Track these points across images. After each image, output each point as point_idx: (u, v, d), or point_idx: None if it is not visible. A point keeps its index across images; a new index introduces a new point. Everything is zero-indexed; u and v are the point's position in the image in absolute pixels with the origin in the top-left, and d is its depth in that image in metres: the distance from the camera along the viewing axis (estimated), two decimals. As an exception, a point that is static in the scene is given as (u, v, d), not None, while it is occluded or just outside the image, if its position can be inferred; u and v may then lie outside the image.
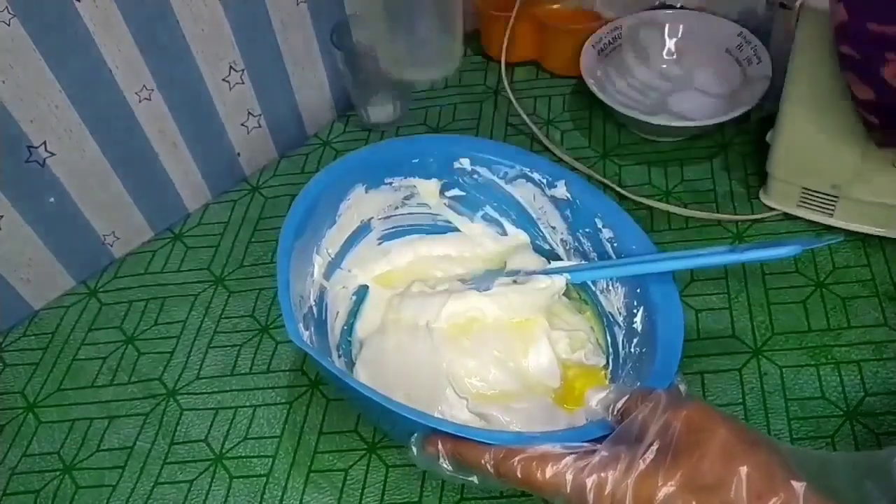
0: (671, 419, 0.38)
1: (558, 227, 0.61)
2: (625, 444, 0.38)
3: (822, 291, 0.62)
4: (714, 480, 0.35)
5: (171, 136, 0.73)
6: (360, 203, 0.61)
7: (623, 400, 0.41)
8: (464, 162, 0.61)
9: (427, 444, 0.44)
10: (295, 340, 0.48)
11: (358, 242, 0.63)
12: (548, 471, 0.39)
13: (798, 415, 0.55)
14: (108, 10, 0.62)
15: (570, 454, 0.39)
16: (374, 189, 0.61)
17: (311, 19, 0.77)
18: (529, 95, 0.82)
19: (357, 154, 0.61)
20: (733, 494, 0.35)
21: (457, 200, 0.63)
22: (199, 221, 0.76)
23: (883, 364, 0.57)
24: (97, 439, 0.62)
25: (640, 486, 0.36)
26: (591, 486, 0.37)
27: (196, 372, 0.65)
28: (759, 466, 0.35)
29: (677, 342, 0.48)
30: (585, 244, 0.59)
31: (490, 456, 0.41)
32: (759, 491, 0.35)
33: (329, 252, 0.60)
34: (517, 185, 0.60)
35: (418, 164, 0.61)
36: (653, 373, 0.48)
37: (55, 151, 0.65)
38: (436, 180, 0.62)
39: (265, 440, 0.60)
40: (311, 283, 0.58)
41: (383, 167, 0.61)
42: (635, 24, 0.79)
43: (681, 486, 0.35)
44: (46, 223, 0.68)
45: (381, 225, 0.63)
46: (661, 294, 0.52)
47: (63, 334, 0.69)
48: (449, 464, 0.43)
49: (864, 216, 0.62)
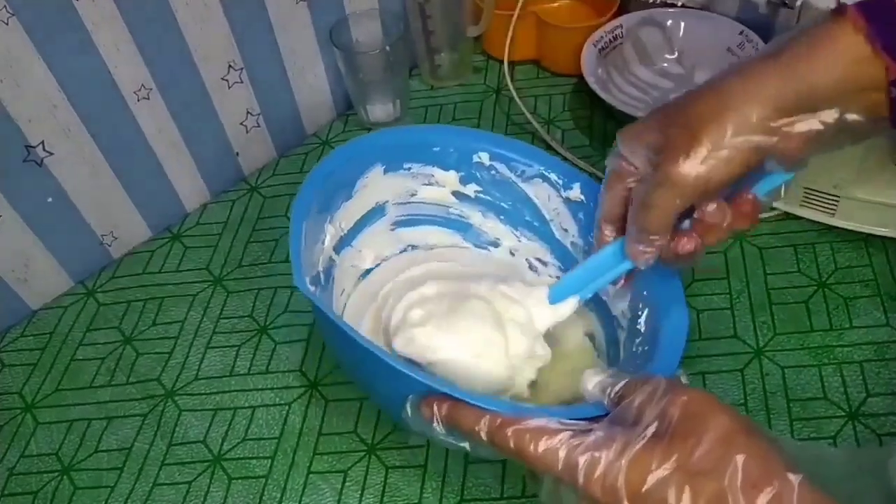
0: (669, 404, 0.37)
1: (570, 229, 0.60)
2: (620, 427, 0.38)
3: (824, 291, 0.61)
4: (709, 467, 0.35)
5: (169, 136, 0.72)
6: (377, 183, 0.60)
7: (621, 384, 0.41)
8: (483, 157, 0.60)
9: (423, 405, 0.43)
10: (300, 286, 0.48)
11: (371, 223, 0.62)
12: (541, 444, 0.38)
13: (800, 415, 0.55)
14: (107, 10, 0.62)
15: (565, 430, 0.39)
16: (393, 172, 0.61)
17: (311, 19, 0.77)
18: (530, 94, 0.82)
19: (381, 133, 0.62)
20: (727, 482, 0.34)
21: (474, 197, 0.63)
22: (197, 221, 0.76)
23: (885, 364, 0.57)
24: (95, 440, 0.61)
25: (633, 468, 0.35)
26: (582, 464, 0.37)
27: (195, 372, 0.64)
28: (756, 456, 0.35)
29: (680, 340, 0.48)
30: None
31: (484, 423, 0.41)
32: (754, 480, 0.34)
33: (342, 226, 0.60)
34: (533, 185, 0.60)
35: (439, 153, 0.61)
36: (653, 369, 0.47)
37: (53, 151, 0.65)
38: (454, 172, 0.62)
39: (264, 441, 0.59)
40: (321, 250, 0.57)
41: (404, 151, 0.61)
42: (636, 23, 0.79)
43: (674, 471, 0.35)
44: (44, 223, 0.68)
45: (395, 210, 0.63)
46: (667, 294, 0.51)
47: (61, 334, 0.69)
48: (442, 427, 0.43)
49: (866, 216, 0.62)
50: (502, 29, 0.79)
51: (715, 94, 0.43)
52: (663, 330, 0.50)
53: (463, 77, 0.85)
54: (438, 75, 0.85)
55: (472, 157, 0.61)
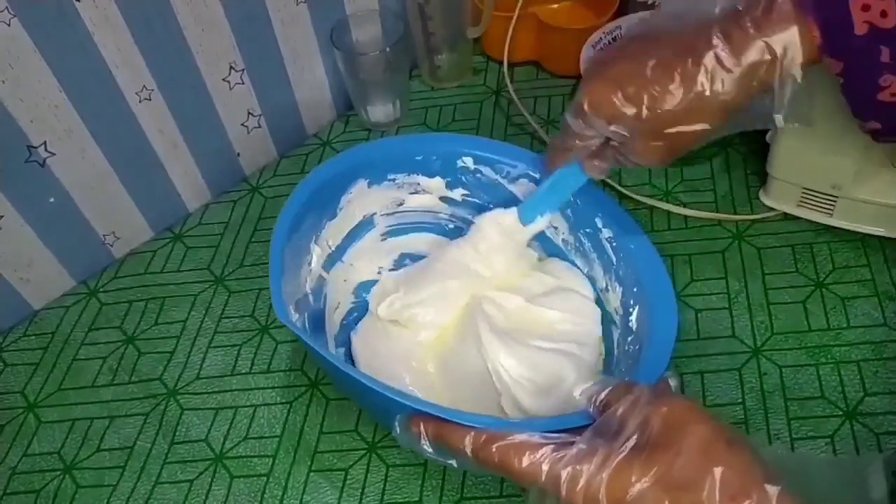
0: (650, 414, 0.37)
1: (560, 226, 0.61)
2: (603, 438, 0.38)
3: (821, 291, 0.62)
4: (688, 479, 0.35)
5: (171, 136, 0.73)
6: (362, 197, 0.61)
7: (606, 392, 0.41)
8: (467, 161, 0.61)
9: (410, 425, 0.44)
10: (280, 316, 0.49)
11: (361, 237, 0.63)
12: (524, 459, 0.39)
13: (798, 414, 0.55)
14: (108, 10, 0.62)
15: (548, 444, 0.39)
16: (377, 185, 0.61)
17: (311, 19, 0.77)
18: (529, 96, 0.82)
19: (358, 150, 0.62)
20: (706, 495, 0.34)
21: (462, 201, 0.63)
22: (199, 221, 0.77)
23: (883, 364, 0.57)
24: (97, 439, 0.62)
25: (614, 481, 0.36)
26: (565, 478, 0.37)
27: (196, 372, 0.65)
28: (735, 467, 0.35)
29: (669, 339, 0.49)
30: (586, 244, 0.59)
31: (469, 440, 0.41)
32: (733, 492, 0.34)
33: (329, 244, 0.60)
34: (520, 185, 0.61)
35: (422, 161, 0.61)
36: (643, 369, 0.48)
37: (55, 151, 0.65)
38: (440, 178, 0.62)
39: (265, 440, 0.60)
40: (309, 271, 0.58)
41: (386, 164, 0.61)
42: (635, 24, 0.79)
43: (654, 484, 0.35)
44: (46, 223, 0.68)
45: (384, 221, 0.64)
46: (657, 292, 0.52)
47: (63, 334, 0.69)
48: (430, 446, 0.43)
49: (864, 216, 0.62)
50: (502, 30, 0.80)
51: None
52: (653, 329, 0.50)
53: (463, 78, 0.85)
54: (438, 76, 0.85)
55: (456, 163, 0.61)
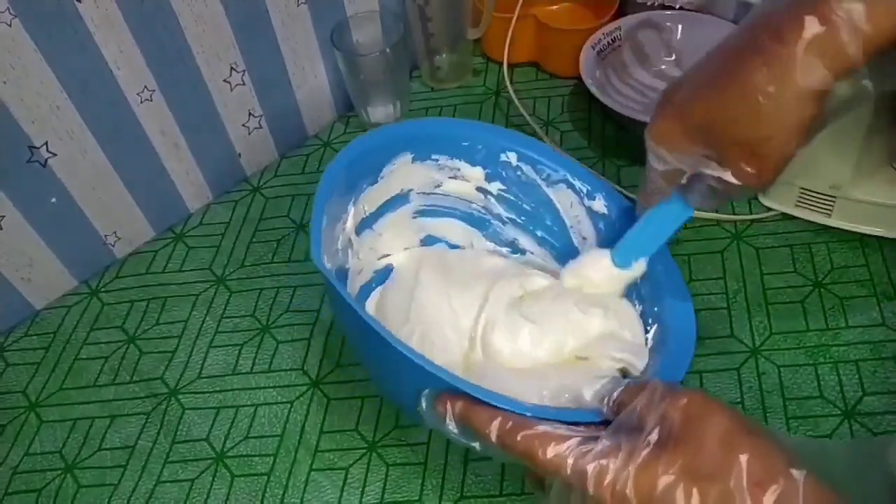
0: (669, 408, 0.38)
1: (590, 238, 0.60)
2: (625, 434, 0.38)
3: (820, 291, 0.62)
4: (714, 469, 0.35)
5: (172, 137, 0.73)
6: (404, 170, 0.60)
7: (618, 391, 0.41)
8: (511, 156, 0.60)
9: (437, 403, 0.43)
10: (317, 262, 0.47)
11: (394, 209, 0.62)
12: (549, 450, 0.39)
13: (796, 414, 0.55)
14: (109, 11, 0.63)
15: (574, 437, 0.39)
16: (421, 161, 0.61)
17: (312, 20, 0.77)
18: (529, 96, 0.82)
19: (412, 123, 0.62)
20: (733, 483, 0.35)
21: (497, 195, 0.63)
22: (200, 221, 0.77)
23: (881, 363, 0.57)
24: (99, 438, 0.62)
25: (641, 475, 0.36)
26: (591, 472, 0.37)
27: (198, 371, 0.65)
28: (759, 454, 0.35)
29: (687, 355, 0.48)
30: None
31: (495, 426, 0.41)
32: (759, 478, 0.35)
33: (365, 208, 0.60)
34: (557, 190, 0.60)
35: (468, 147, 0.61)
36: None
37: (57, 152, 0.65)
38: (481, 168, 0.62)
39: (266, 439, 0.60)
40: (342, 229, 0.57)
41: (433, 142, 0.61)
42: (634, 26, 0.80)
43: (680, 475, 0.35)
44: (48, 223, 0.68)
45: (419, 199, 0.63)
46: (676, 311, 0.51)
47: (65, 334, 0.69)
48: (455, 426, 0.43)
49: (862, 216, 0.63)
50: (502, 31, 0.80)
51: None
52: (671, 344, 0.50)
53: (463, 79, 0.86)
54: (438, 77, 0.85)
55: (499, 156, 0.60)
